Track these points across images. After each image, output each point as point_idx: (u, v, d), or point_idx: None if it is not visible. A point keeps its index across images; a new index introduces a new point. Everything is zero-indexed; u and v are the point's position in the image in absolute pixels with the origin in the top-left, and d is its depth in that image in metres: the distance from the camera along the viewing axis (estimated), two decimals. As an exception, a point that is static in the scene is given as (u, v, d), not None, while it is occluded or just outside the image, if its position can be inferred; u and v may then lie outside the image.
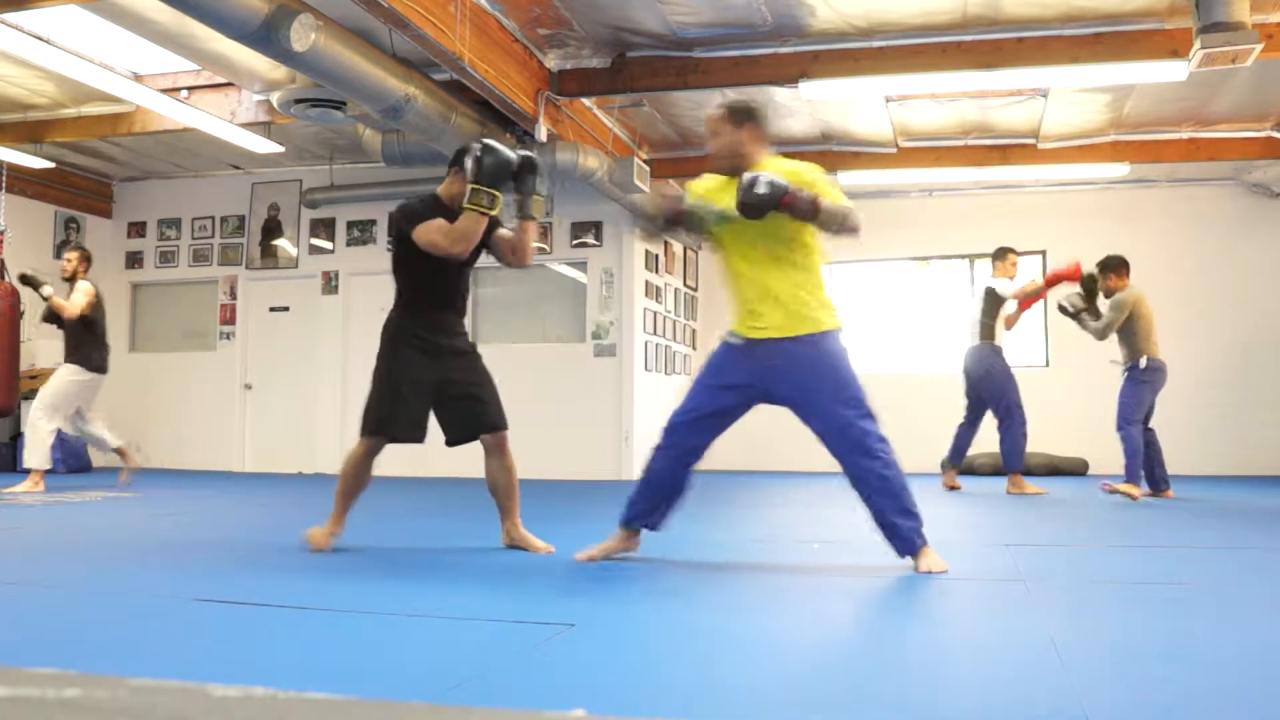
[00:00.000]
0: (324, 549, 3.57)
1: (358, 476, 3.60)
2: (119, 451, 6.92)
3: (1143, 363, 6.21)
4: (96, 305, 6.77)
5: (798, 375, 3.07)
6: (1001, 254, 6.99)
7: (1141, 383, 6.23)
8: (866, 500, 3.08)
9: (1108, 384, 9.23)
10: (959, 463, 7.08)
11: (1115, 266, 6.40)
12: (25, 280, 6.85)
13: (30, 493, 6.21)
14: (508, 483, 3.66)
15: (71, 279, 6.79)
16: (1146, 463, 6.25)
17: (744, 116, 3.18)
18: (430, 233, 3.39)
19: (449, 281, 3.59)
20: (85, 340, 6.70)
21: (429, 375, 3.52)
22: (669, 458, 3.21)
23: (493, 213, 3.33)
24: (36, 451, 6.46)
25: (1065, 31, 5.91)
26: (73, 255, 6.88)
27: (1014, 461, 6.73)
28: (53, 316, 6.74)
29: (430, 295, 3.58)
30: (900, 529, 3.06)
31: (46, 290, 6.66)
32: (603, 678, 1.87)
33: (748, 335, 3.13)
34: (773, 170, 3.01)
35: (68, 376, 6.63)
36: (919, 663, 2.01)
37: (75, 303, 6.64)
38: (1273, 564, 3.52)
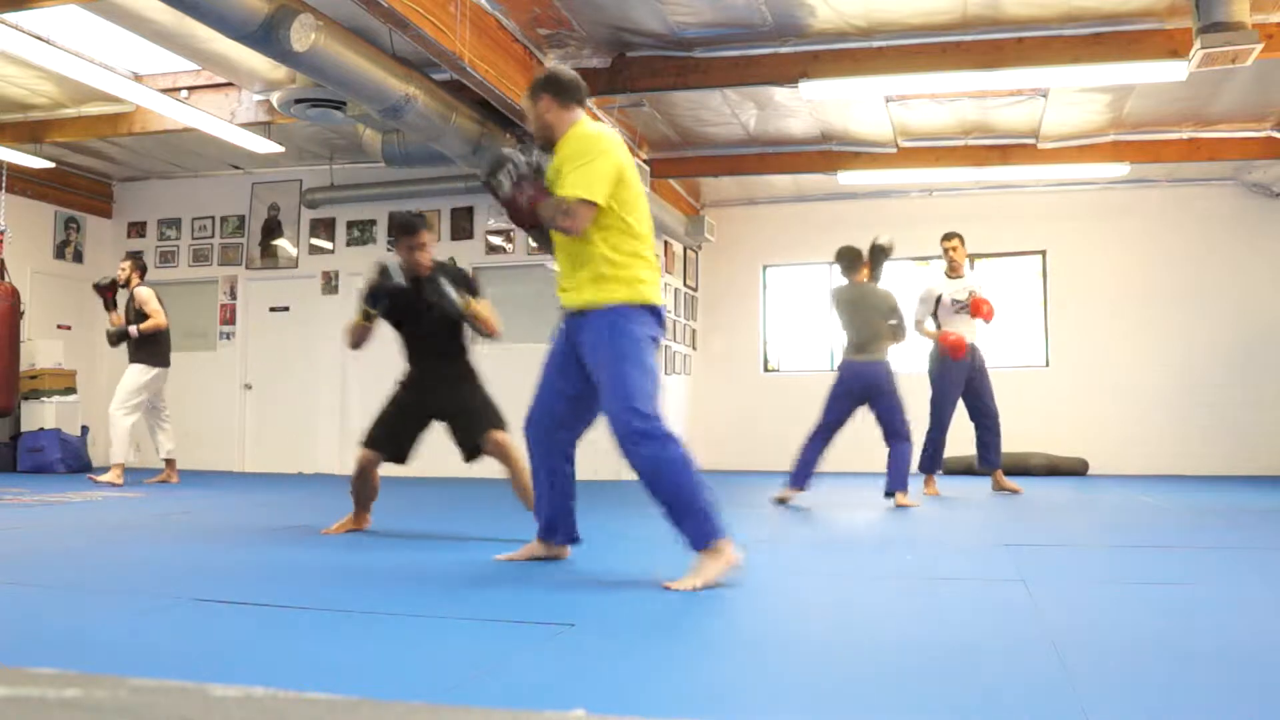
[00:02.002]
0: (334, 533, 4.18)
1: (360, 481, 4.21)
2: (168, 461, 7.33)
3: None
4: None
5: (588, 352, 3.01)
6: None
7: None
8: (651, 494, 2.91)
9: (1108, 384, 9.29)
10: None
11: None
12: (103, 285, 7.23)
13: (114, 484, 6.80)
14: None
15: (126, 285, 7.20)
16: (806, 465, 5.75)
17: (538, 90, 3.14)
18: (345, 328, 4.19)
19: (414, 344, 4.21)
20: (148, 340, 7.07)
21: (413, 405, 4.14)
22: (536, 456, 3.22)
23: (368, 323, 4.04)
24: (118, 446, 6.98)
25: (1065, 31, 5.91)
26: (125, 264, 7.29)
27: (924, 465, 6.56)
28: (121, 337, 7.11)
29: (405, 352, 4.26)
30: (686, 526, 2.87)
31: (123, 324, 7.10)
32: (603, 678, 1.87)
33: (562, 304, 3.13)
34: (565, 142, 3.05)
35: (138, 377, 7.06)
36: (919, 663, 2.01)
37: (156, 311, 7.05)
38: (1273, 564, 3.52)
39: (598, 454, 8.77)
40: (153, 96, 6.64)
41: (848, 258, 5.75)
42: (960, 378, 6.54)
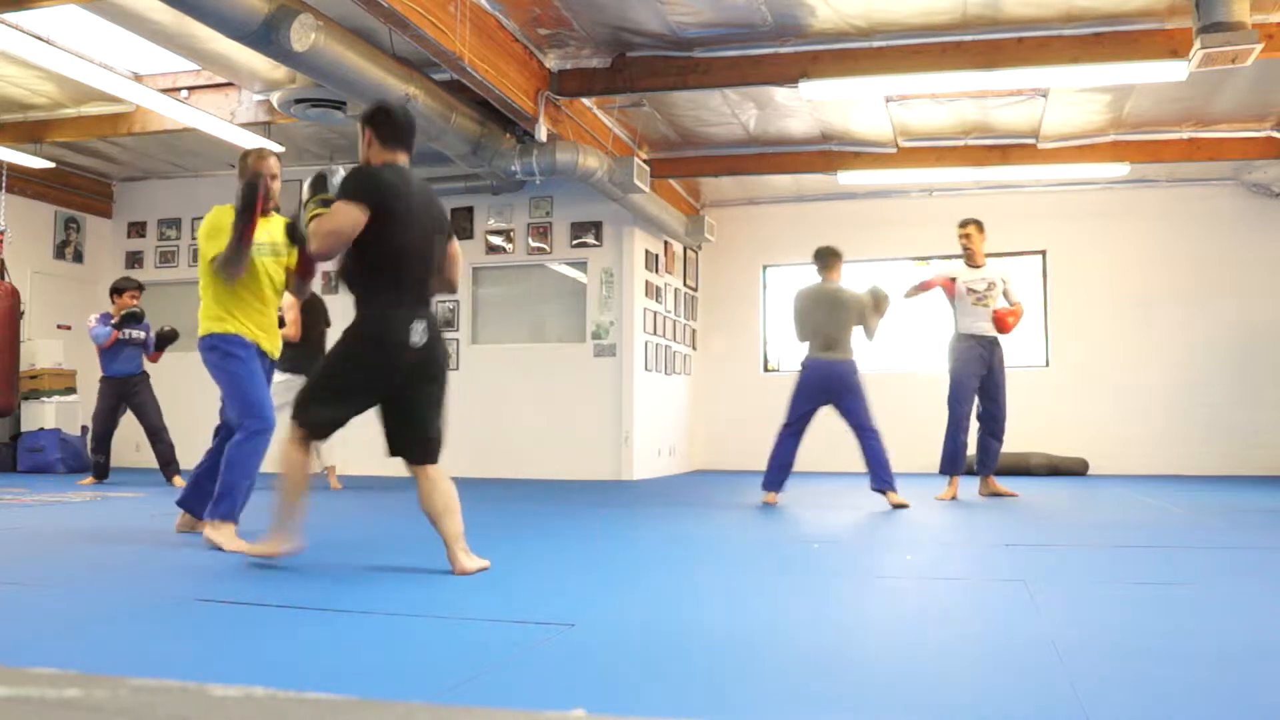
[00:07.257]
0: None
1: None
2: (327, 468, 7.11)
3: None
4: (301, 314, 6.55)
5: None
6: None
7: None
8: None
9: (1108, 384, 9.29)
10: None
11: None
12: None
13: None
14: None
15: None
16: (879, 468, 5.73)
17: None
18: None
19: None
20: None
21: None
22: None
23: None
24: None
25: (1065, 31, 5.91)
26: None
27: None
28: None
29: None
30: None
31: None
32: (603, 678, 1.87)
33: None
34: None
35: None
36: (920, 662, 2.01)
37: (290, 322, 6.40)
38: (1272, 564, 3.52)
39: (600, 455, 8.80)
40: (153, 96, 6.64)
41: (826, 257, 6.10)
42: (976, 370, 6.37)
